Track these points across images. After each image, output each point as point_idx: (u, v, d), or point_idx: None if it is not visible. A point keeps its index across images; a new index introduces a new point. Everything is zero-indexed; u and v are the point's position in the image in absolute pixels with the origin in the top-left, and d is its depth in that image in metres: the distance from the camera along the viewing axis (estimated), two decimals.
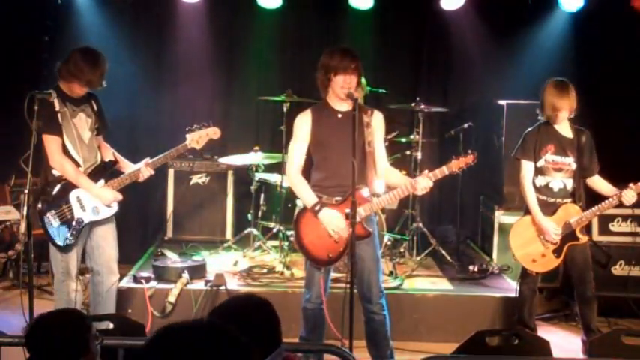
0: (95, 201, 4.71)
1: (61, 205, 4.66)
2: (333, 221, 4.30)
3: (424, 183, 4.29)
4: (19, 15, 6.80)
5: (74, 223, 4.67)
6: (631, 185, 4.87)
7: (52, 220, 4.64)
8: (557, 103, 4.89)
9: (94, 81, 4.61)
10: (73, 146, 4.67)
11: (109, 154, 4.91)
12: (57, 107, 4.61)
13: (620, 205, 4.95)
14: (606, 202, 4.95)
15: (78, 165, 4.68)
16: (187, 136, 4.84)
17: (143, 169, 4.77)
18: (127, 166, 4.90)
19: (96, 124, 4.80)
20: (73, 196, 4.69)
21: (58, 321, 2.56)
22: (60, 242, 4.66)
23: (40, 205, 4.65)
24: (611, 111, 6.92)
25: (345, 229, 4.27)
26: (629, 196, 4.86)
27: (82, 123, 4.73)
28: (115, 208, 4.81)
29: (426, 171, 4.39)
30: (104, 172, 4.79)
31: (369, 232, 4.33)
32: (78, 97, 4.72)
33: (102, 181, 4.75)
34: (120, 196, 4.73)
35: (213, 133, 4.90)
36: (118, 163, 4.91)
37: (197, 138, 4.84)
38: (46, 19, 7.17)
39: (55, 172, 4.64)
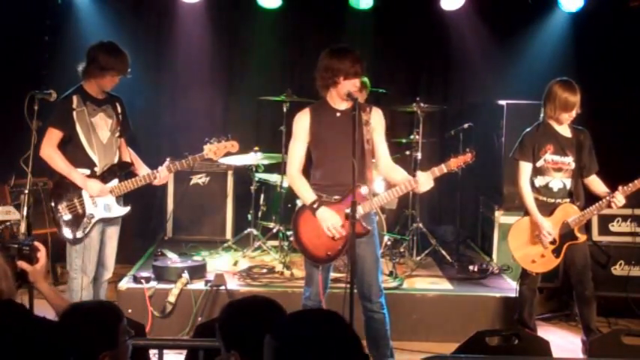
0: (107, 198, 4.75)
1: (72, 199, 4.71)
2: (330, 219, 4.30)
3: (423, 178, 4.28)
4: (19, 15, 6.80)
5: (85, 218, 4.70)
6: (620, 188, 4.89)
7: (63, 213, 4.69)
8: (570, 100, 4.88)
9: (124, 68, 4.70)
10: (88, 144, 4.72)
11: (128, 156, 4.97)
12: (74, 105, 4.67)
13: (610, 206, 4.96)
14: (598, 204, 4.97)
15: (93, 164, 4.73)
16: (205, 146, 4.91)
17: (161, 172, 4.82)
18: (144, 170, 4.95)
19: (117, 126, 4.84)
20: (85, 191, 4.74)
21: (87, 310, 2.54)
22: (69, 235, 4.70)
23: (52, 198, 4.73)
24: (611, 111, 6.92)
25: (341, 228, 4.28)
26: (618, 199, 4.88)
27: (101, 123, 4.77)
28: (127, 208, 4.87)
29: (435, 168, 4.37)
30: (118, 171, 4.83)
31: (367, 230, 4.33)
32: (100, 98, 4.79)
33: (115, 180, 4.79)
34: (107, 191, 4.74)
35: (232, 146, 4.99)
36: (134, 165, 4.95)
37: (215, 149, 4.92)
38: (46, 19, 7.17)
39: None
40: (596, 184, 5.07)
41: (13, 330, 2.60)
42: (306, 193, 4.38)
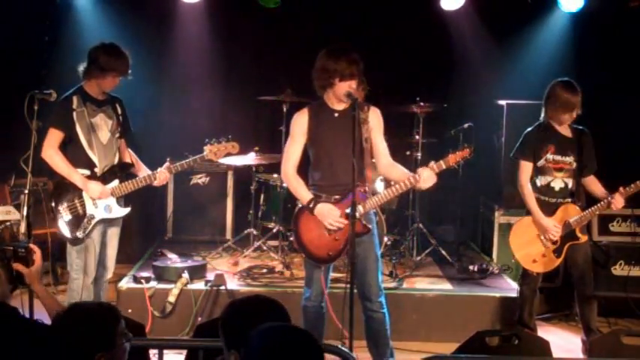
0: (108, 199, 4.77)
1: (73, 200, 4.72)
2: (329, 214, 4.30)
3: (426, 173, 4.25)
4: (19, 15, 6.80)
5: (85, 219, 4.71)
6: (620, 190, 4.90)
7: (64, 214, 4.70)
8: (571, 101, 4.88)
9: (125, 70, 4.72)
10: (88, 145, 4.72)
11: (128, 157, 4.99)
12: (74, 105, 4.68)
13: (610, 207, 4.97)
14: (599, 204, 4.97)
15: (93, 164, 4.73)
16: (205, 147, 4.92)
17: (161, 173, 4.84)
18: (144, 171, 4.96)
19: (118, 126, 4.85)
20: None
21: (86, 310, 2.54)
22: (69, 235, 4.71)
23: (53, 198, 4.74)
24: (611, 111, 6.92)
25: (342, 222, 4.28)
26: (617, 200, 4.89)
27: (101, 123, 4.78)
28: (127, 209, 4.88)
29: (432, 162, 4.34)
30: (119, 172, 4.85)
31: (368, 229, 4.33)
32: (101, 99, 4.80)
33: (116, 181, 4.80)
34: (108, 193, 4.74)
35: (232, 147, 5.00)
36: (134, 165, 4.96)
37: (216, 150, 4.94)
38: (46, 19, 7.17)
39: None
40: (593, 184, 5.08)
41: (5, 332, 2.61)
42: (302, 192, 4.38)
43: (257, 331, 2.08)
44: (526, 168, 5.04)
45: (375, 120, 4.44)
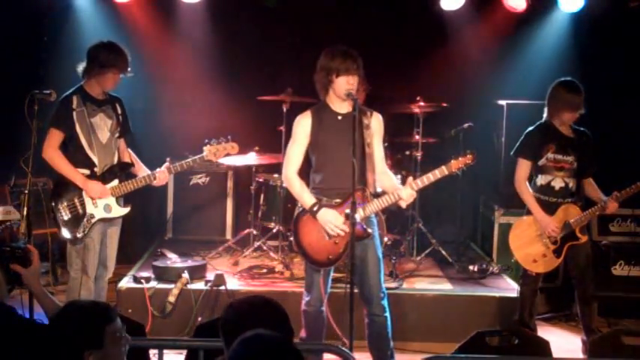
0: (108, 198, 4.77)
1: (73, 199, 4.72)
2: (331, 220, 4.29)
3: (406, 194, 4.31)
4: (19, 15, 6.80)
5: (85, 219, 4.71)
6: (614, 194, 4.92)
7: (64, 213, 4.71)
8: (575, 100, 4.89)
9: (125, 66, 4.73)
10: (88, 145, 4.73)
11: (128, 157, 4.99)
12: (74, 105, 4.69)
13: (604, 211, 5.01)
14: (596, 207, 4.99)
15: (92, 164, 4.74)
16: (205, 148, 4.93)
17: (160, 173, 4.85)
18: (143, 171, 4.97)
19: (117, 126, 4.85)
20: None
21: (79, 307, 2.53)
22: (69, 236, 4.70)
23: (53, 198, 4.75)
24: (611, 112, 6.92)
25: (345, 229, 4.27)
26: (611, 206, 4.95)
27: (101, 123, 4.79)
28: (127, 209, 4.89)
29: (410, 178, 4.41)
30: (119, 172, 4.85)
31: (368, 233, 4.32)
32: (101, 99, 4.80)
33: (116, 181, 4.80)
34: (108, 193, 4.74)
35: (232, 147, 5.01)
36: (134, 165, 4.97)
37: (215, 151, 4.94)
38: (45, 19, 7.17)
39: None
40: (589, 186, 5.09)
41: (3, 331, 2.62)
42: (305, 196, 4.36)
43: (240, 340, 2.07)
44: (524, 166, 5.05)
45: (376, 126, 4.44)
